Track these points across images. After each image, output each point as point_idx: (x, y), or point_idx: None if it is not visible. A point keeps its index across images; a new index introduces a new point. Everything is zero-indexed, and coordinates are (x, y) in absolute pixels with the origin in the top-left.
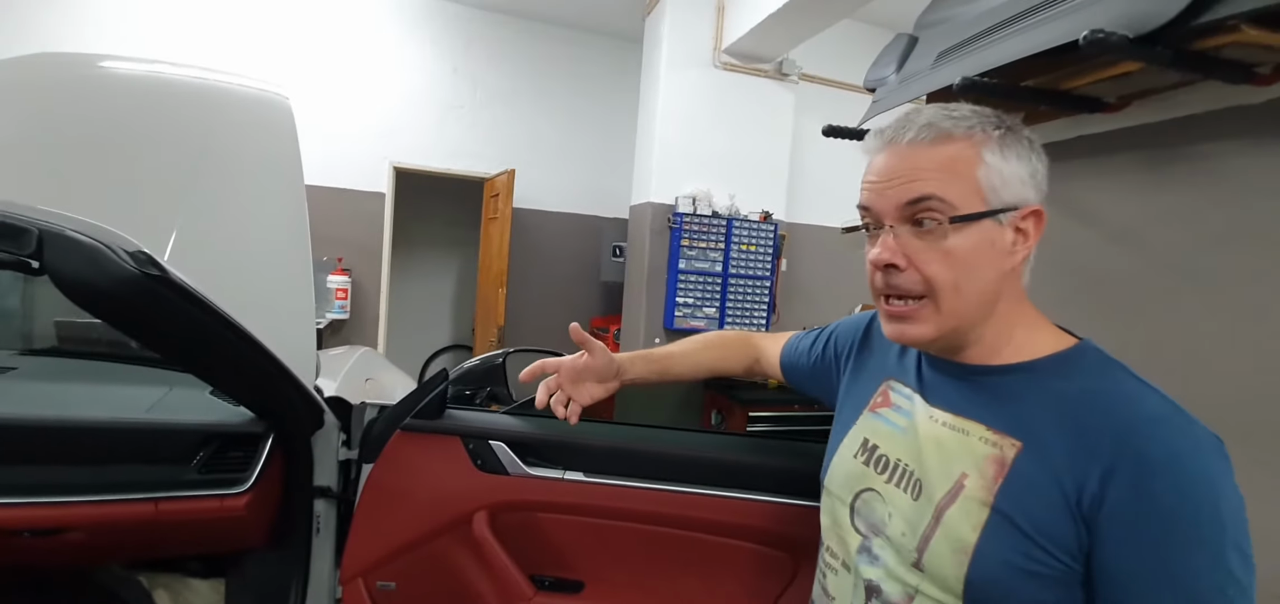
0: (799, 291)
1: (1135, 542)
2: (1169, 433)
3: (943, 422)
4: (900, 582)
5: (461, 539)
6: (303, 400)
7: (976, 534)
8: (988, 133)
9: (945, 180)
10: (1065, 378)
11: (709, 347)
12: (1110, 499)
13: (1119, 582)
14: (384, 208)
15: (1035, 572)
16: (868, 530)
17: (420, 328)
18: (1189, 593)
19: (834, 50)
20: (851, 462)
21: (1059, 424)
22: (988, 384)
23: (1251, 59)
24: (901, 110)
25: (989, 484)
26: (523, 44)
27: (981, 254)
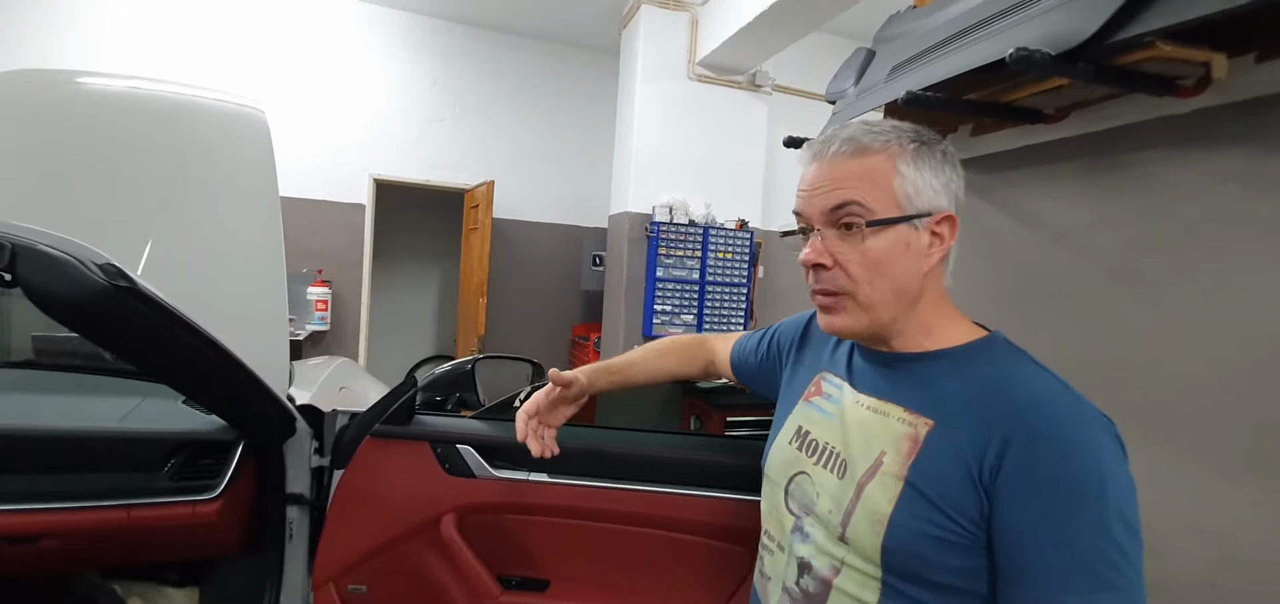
0: (776, 298)
1: (1026, 506)
2: (1057, 409)
3: (866, 405)
4: (828, 555)
5: (430, 541)
6: (274, 408)
7: (891, 506)
8: (903, 146)
9: (864, 189)
10: (976, 364)
11: (665, 353)
12: (1005, 468)
13: (1013, 542)
14: (364, 219)
15: (944, 539)
16: (800, 511)
17: (402, 338)
18: (1071, 550)
19: (805, 61)
20: (787, 448)
21: (967, 404)
22: (908, 370)
23: (1174, 73)
24: (832, 127)
25: (903, 460)
26: (501, 57)
27: (896, 254)
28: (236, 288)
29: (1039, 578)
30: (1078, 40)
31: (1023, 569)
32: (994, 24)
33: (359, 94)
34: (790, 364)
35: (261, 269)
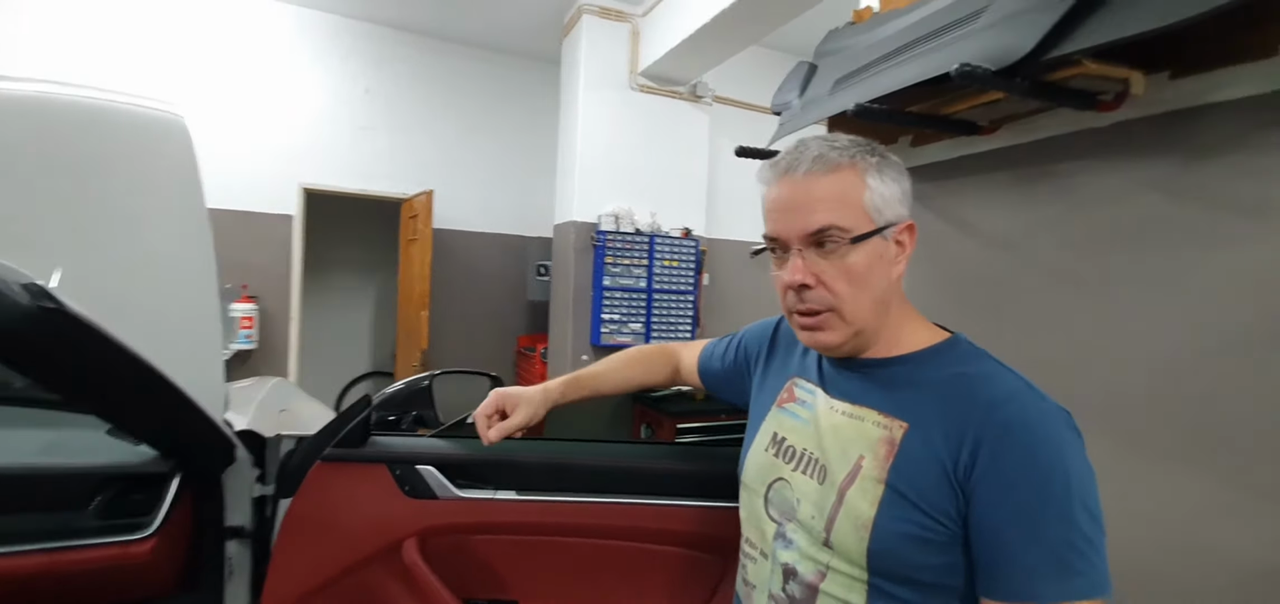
0: (720, 304)
1: (999, 501)
2: (1021, 407)
3: (841, 410)
4: (812, 560)
5: (390, 569)
6: (212, 435)
7: (874, 509)
8: (867, 160)
9: (839, 208)
10: (942, 366)
11: (632, 362)
12: (979, 466)
13: (989, 537)
14: (293, 231)
15: (925, 538)
16: (781, 517)
17: (335, 356)
18: (1042, 543)
19: (743, 74)
20: (763, 455)
21: (937, 405)
22: (879, 375)
23: (1096, 88)
24: (791, 142)
25: (882, 463)
26: (437, 64)
27: (874, 267)
28: (163, 306)
29: (1014, 570)
30: (1015, 58)
31: (999, 563)
32: (934, 41)
33: (286, 100)
34: (759, 371)
35: (191, 285)
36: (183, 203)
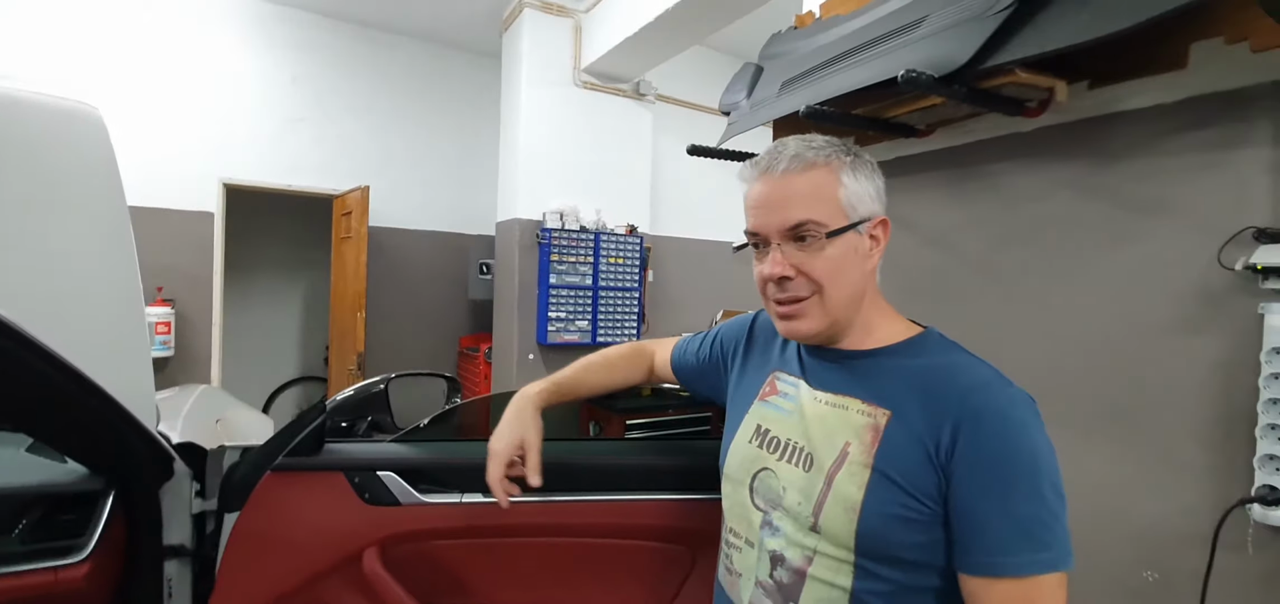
0: (665, 301)
1: (975, 481)
2: (994, 394)
3: (825, 400)
4: (799, 546)
5: (349, 581)
6: (148, 448)
7: (862, 493)
8: (842, 159)
9: (815, 204)
10: (918, 357)
11: (611, 364)
12: (958, 449)
13: (967, 514)
14: (213, 229)
15: (910, 518)
16: (767, 505)
17: (261, 362)
18: (1014, 519)
19: (685, 73)
20: (747, 447)
21: (916, 394)
22: (859, 366)
23: (1023, 96)
24: (771, 144)
25: (867, 448)
26: (370, 54)
27: (848, 260)
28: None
29: (989, 544)
30: (953, 66)
31: (975, 537)
32: (876, 48)
33: (204, 89)
34: (737, 366)
35: (113, 288)
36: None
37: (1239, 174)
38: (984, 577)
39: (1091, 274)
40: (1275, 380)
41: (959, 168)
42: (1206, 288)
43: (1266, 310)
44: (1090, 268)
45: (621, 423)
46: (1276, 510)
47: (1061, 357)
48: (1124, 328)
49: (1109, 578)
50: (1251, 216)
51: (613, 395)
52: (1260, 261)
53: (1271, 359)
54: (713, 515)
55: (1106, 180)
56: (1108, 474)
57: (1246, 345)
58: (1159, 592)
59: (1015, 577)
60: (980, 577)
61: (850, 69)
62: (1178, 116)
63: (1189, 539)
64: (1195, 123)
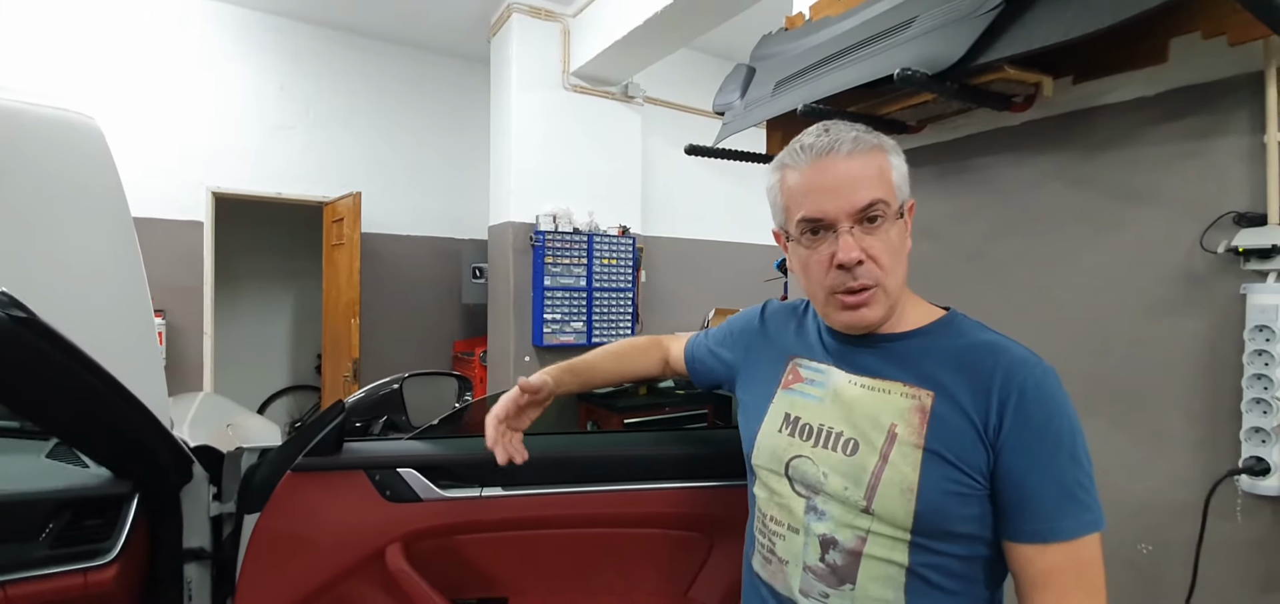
0: (658, 300)
1: (1023, 453)
2: (1031, 370)
3: (863, 385)
4: (851, 528)
5: (372, 577)
6: (171, 452)
7: (917, 473)
8: (887, 142)
9: (881, 184)
10: (949, 338)
11: (624, 354)
12: (1006, 425)
13: (1016, 485)
14: (203, 238)
15: (962, 493)
16: (808, 491)
17: (252, 371)
18: (1060, 485)
19: (673, 75)
20: (777, 436)
21: (956, 373)
22: (893, 350)
23: (1010, 92)
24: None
25: (917, 430)
26: (358, 62)
27: (902, 242)
28: (97, 320)
29: (1040, 511)
30: (945, 64)
31: (1025, 506)
32: (869, 47)
33: (193, 99)
34: (749, 356)
35: (123, 296)
36: (107, 210)
37: (1218, 162)
38: (1036, 544)
39: (1080, 261)
40: (1258, 356)
41: (950, 162)
42: (1190, 271)
43: (1248, 290)
44: (1079, 255)
45: (619, 421)
46: (1263, 480)
47: (1054, 342)
48: (1113, 312)
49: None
50: (1231, 202)
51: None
52: (1241, 244)
53: (1254, 336)
54: (730, 501)
55: (1092, 171)
56: (1101, 453)
57: (1230, 324)
58: (1153, 562)
59: (1065, 540)
60: (1032, 544)
61: (844, 68)
62: (1159, 108)
63: (1180, 511)
64: (1176, 114)
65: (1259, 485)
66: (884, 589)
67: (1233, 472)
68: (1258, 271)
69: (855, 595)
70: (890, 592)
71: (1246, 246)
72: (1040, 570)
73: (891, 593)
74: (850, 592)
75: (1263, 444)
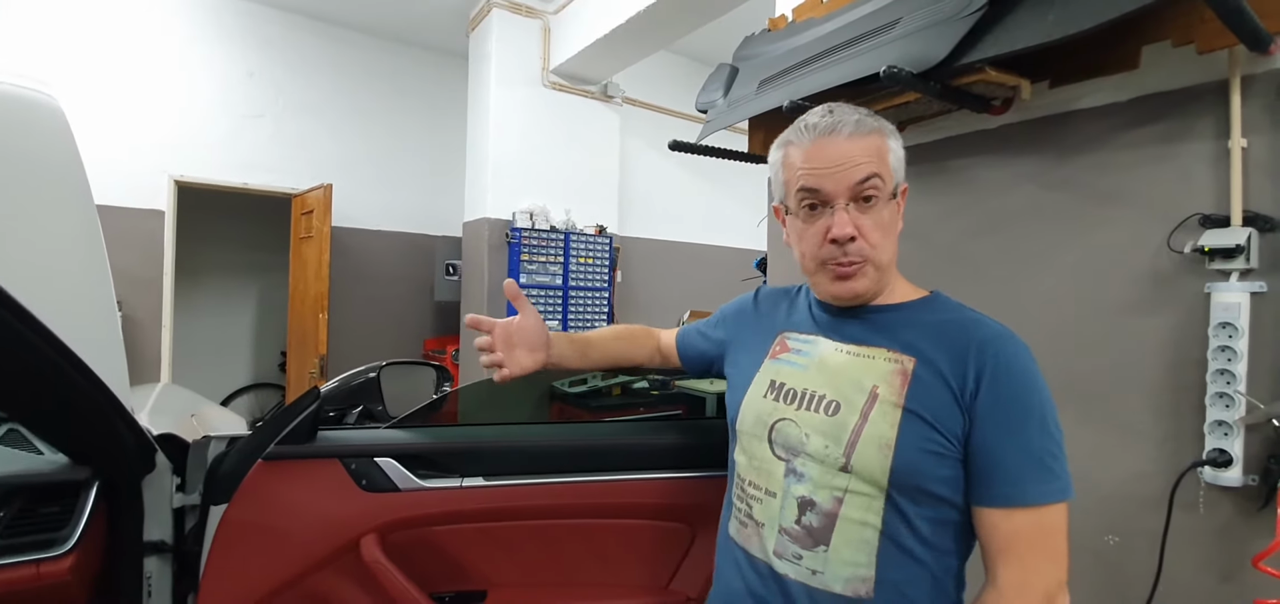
0: (633, 301)
1: (996, 421)
2: (1008, 345)
3: (848, 351)
4: (829, 488)
5: (345, 570)
6: (134, 438)
7: (895, 431)
8: (887, 126)
9: (879, 163)
10: (932, 312)
11: (620, 338)
12: (981, 393)
13: (987, 451)
14: (164, 228)
15: (937, 452)
16: (787, 454)
17: (212, 367)
18: (1029, 453)
19: (652, 77)
20: (762, 401)
21: (937, 343)
22: (880, 320)
23: (990, 94)
24: (813, 110)
25: (897, 392)
26: (331, 52)
27: (894, 222)
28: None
29: (1008, 476)
30: (931, 63)
31: (995, 471)
32: (854, 47)
33: (154, 82)
34: (740, 333)
35: (84, 280)
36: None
37: (1185, 166)
38: (1003, 507)
39: (1054, 260)
40: (1222, 352)
41: (930, 164)
42: (1157, 270)
43: (1212, 289)
44: (1053, 255)
45: (594, 420)
46: (1225, 472)
47: (1028, 338)
48: (1084, 309)
49: (1073, 543)
50: (1198, 204)
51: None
52: (1207, 244)
53: (1218, 333)
54: (712, 492)
55: (1066, 174)
56: (1071, 446)
57: (1195, 322)
58: (1120, 552)
59: (1032, 505)
60: (1000, 508)
61: (828, 67)
62: (1130, 113)
63: (1146, 503)
64: (1146, 119)
65: (1221, 476)
66: (856, 552)
67: (1196, 464)
68: (1221, 271)
69: (828, 557)
70: (862, 555)
71: (1212, 246)
72: (1005, 534)
73: (863, 556)
74: (824, 553)
75: (1225, 437)
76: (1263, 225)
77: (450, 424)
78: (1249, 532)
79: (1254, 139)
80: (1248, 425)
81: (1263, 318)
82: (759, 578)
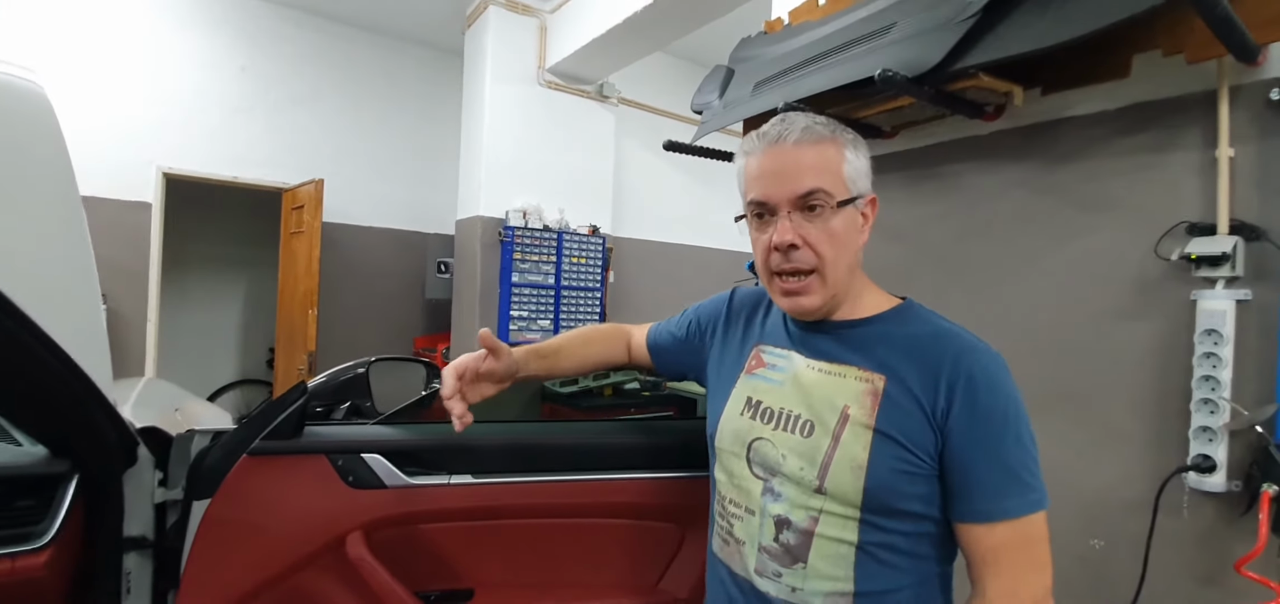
0: (625, 302)
1: (970, 436)
2: (981, 358)
3: (820, 369)
4: (804, 508)
5: (330, 568)
6: (116, 431)
7: (867, 453)
8: (845, 136)
9: (825, 175)
10: (903, 325)
11: (590, 341)
12: (954, 409)
13: (963, 466)
14: (151, 221)
15: (910, 472)
16: (766, 473)
17: (199, 363)
18: (1004, 467)
19: (648, 78)
20: (739, 419)
21: (908, 359)
22: (851, 336)
23: (983, 100)
24: (774, 120)
25: (868, 412)
26: (324, 46)
27: (849, 233)
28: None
29: (986, 492)
30: (925, 67)
31: (973, 488)
32: (849, 51)
33: (143, 72)
34: (716, 342)
35: (67, 269)
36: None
37: (1173, 175)
38: (984, 523)
39: (1042, 266)
40: (1207, 359)
41: (922, 168)
42: (1144, 277)
43: (1198, 296)
44: (1040, 260)
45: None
46: (1209, 477)
47: (1015, 343)
48: (1071, 315)
49: (1058, 547)
50: (1185, 212)
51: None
52: (1193, 251)
53: (1203, 340)
54: (701, 492)
55: (1055, 181)
56: (1057, 451)
57: (1180, 328)
58: (1105, 557)
59: (1011, 519)
60: (980, 523)
61: (824, 70)
62: (1120, 122)
63: (1131, 507)
64: (1135, 127)
65: (1206, 482)
66: (834, 567)
67: (1181, 469)
68: (1207, 278)
69: (806, 574)
70: (840, 569)
71: (1198, 254)
72: (989, 548)
73: (841, 570)
74: (802, 570)
75: (1210, 442)
76: (1249, 234)
77: (439, 421)
78: (1232, 537)
79: (1241, 149)
80: (1232, 432)
81: (1247, 325)
82: (743, 595)
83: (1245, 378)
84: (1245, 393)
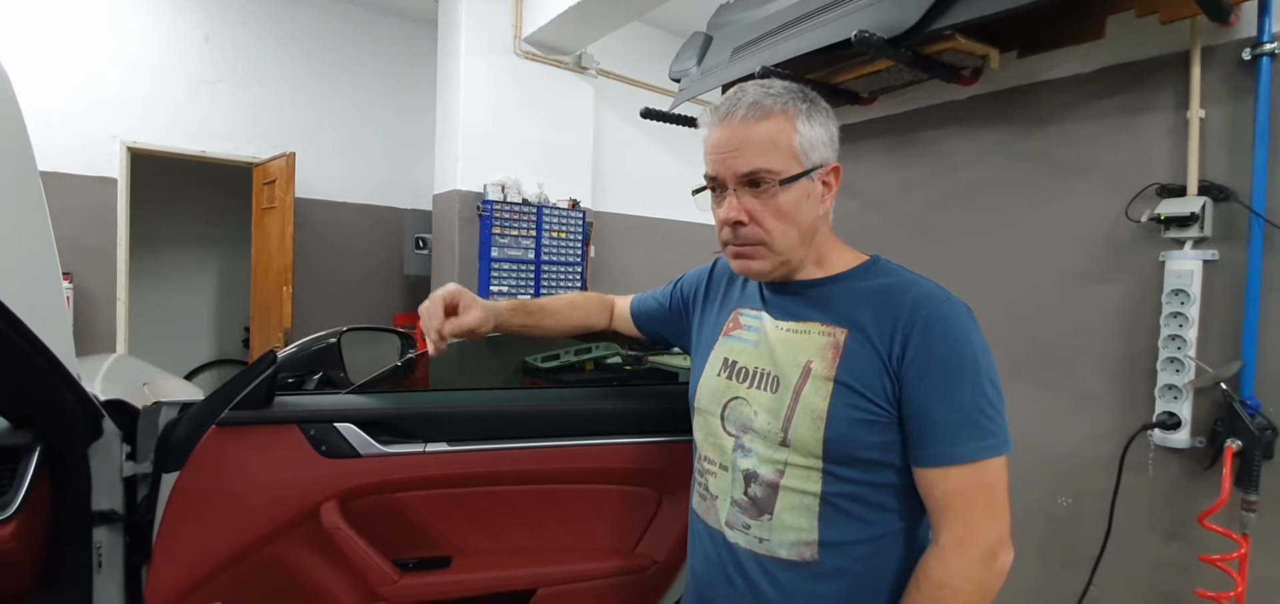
0: (606, 276)
1: (925, 381)
2: (938, 304)
3: (787, 328)
4: (771, 462)
5: (305, 536)
6: (79, 402)
7: (826, 403)
8: (798, 106)
9: (770, 153)
10: (868, 279)
11: (575, 306)
12: (908, 355)
13: (919, 412)
14: (117, 197)
15: (868, 420)
16: (738, 431)
17: (172, 343)
18: (961, 411)
19: (626, 49)
20: (716, 379)
21: (869, 310)
22: (816, 294)
23: (959, 63)
24: (729, 92)
25: (829, 364)
26: (292, 14)
27: (801, 204)
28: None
29: (941, 436)
30: (902, 28)
31: (927, 431)
32: (826, 14)
33: (105, 44)
34: (699, 309)
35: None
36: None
37: (1145, 137)
38: (938, 466)
39: (1018, 230)
40: (1174, 318)
41: (899, 134)
42: (1116, 239)
43: (1167, 257)
44: (1017, 225)
45: None
46: (1174, 434)
47: (991, 307)
48: (1045, 279)
49: (1029, 505)
50: (1156, 174)
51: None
52: (1163, 213)
53: (1170, 300)
54: (678, 456)
55: (1031, 144)
56: (1027, 411)
57: (1149, 290)
58: (1072, 514)
59: (966, 463)
60: (935, 467)
61: (801, 34)
62: (1094, 85)
63: (1098, 464)
64: (1109, 90)
65: (1170, 439)
66: (799, 517)
67: (1146, 426)
68: (1176, 239)
69: (773, 525)
70: (804, 520)
71: (1167, 215)
72: (944, 492)
73: (805, 521)
74: (768, 522)
75: (1175, 400)
76: (1217, 194)
77: (414, 389)
78: (1196, 491)
79: (1212, 110)
80: (1197, 389)
81: (1213, 285)
82: (716, 548)
83: (1212, 337)
84: (1212, 351)
